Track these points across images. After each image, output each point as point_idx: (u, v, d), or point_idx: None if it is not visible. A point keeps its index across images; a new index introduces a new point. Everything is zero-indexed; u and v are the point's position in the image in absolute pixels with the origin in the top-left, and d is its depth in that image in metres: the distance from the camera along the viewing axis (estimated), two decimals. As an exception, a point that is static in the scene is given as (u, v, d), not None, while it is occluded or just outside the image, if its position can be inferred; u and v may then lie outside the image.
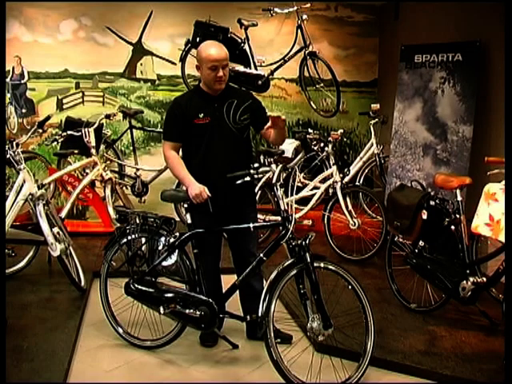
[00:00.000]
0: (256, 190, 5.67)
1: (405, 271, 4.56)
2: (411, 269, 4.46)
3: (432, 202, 4.24)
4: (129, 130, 7.04)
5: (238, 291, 3.83)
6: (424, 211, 4.19)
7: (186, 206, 3.70)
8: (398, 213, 4.41)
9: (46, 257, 5.36)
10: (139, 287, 3.84)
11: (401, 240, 4.63)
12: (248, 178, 3.56)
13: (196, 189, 3.61)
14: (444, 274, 4.11)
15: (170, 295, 3.74)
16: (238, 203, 3.79)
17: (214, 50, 3.71)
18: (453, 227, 4.11)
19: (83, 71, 7.52)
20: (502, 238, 3.59)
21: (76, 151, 6.18)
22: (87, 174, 5.95)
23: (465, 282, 3.97)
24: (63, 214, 5.34)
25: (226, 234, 4.07)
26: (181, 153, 3.89)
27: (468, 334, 4.09)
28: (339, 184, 6.01)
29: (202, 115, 3.74)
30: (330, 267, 3.51)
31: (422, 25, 6.73)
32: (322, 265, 3.49)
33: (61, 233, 4.59)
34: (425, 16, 6.67)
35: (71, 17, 7.44)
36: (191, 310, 3.65)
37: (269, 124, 3.73)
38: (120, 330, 4.07)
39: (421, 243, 4.37)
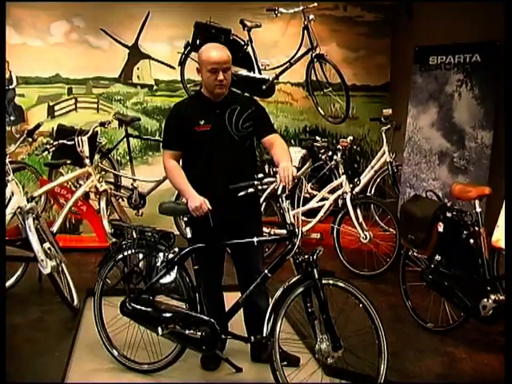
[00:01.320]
0: (260, 202, 5.66)
1: (420, 288, 4.55)
2: (427, 285, 4.45)
3: (449, 214, 4.23)
4: (125, 139, 7.05)
5: (241, 310, 3.82)
6: (440, 223, 4.19)
7: (185, 219, 3.70)
8: (413, 225, 4.40)
9: (36, 274, 5.34)
10: (136, 306, 3.83)
11: (415, 254, 4.62)
12: (252, 190, 3.56)
13: (196, 201, 3.61)
14: (463, 291, 4.09)
15: (168, 315, 3.73)
16: (241, 216, 3.79)
17: (214, 51, 3.73)
18: (471, 241, 4.10)
19: (76, 76, 7.56)
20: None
21: (68, 161, 6.19)
22: (81, 185, 5.96)
23: (485, 299, 3.94)
24: (55, 228, 5.35)
25: (229, 249, 4.06)
26: (181, 162, 3.91)
27: (490, 356, 4.06)
28: (349, 195, 6.02)
29: (202, 122, 3.75)
30: (340, 284, 3.51)
31: (438, 24, 6.73)
32: (330, 281, 3.48)
33: (52, 248, 4.59)
34: (440, 14, 6.67)
35: (63, 18, 7.48)
36: (191, 331, 3.65)
37: (272, 136, 3.76)
38: (115, 353, 4.06)
39: (437, 258, 4.36)
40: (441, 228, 4.17)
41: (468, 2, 5.99)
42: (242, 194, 3.55)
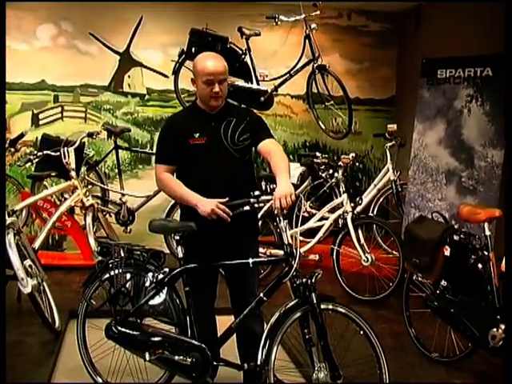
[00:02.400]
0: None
1: (425, 315, 4.55)
2: (432, 312, 4.45)
3: (456, 237, 4.24)
4: (114, 151, 7.07)
5: (234, 335, 3.81)
6: (446, 247, 4.19)
7: (177, 237, 3.70)
8: (417, 248, 4.41)
9: (16, 293, 5.32)
10: (122, 330, 3.82)
11: (420, 279, 4.63)
12: (247, 208, 3.57)
13: (208, 205, 3.58)
14: (470, 320, 4.09)
15: (156, 339, 3.72)
16: (236, 235, 3.79)
17: (210, 62, 3.74)
18: (480, 266, 4.10)
19: (63, 83, 7.59)
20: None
21: (53, 173, 6.21)
22: (65, 199, 5.98)
23: (495, 329, 3.94)
24: (37, 244, 5.34)
25: (223, 270, 4.06)
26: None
27: (499, 390, 4.07)
28: (350, 214, 6.03)
29: (197, 135, 3.75)
30: (340, 309, 3.51)
31: (447, 35, 6.78)
32: (330, 306, 3.48)
33: (33, 266, 4.58)
34: (449, 25, 6.72)
35: (50, 21, 7.51)
36: (181, 357, 3.63)
37: (269, 141, 3.77)
38: (99, 380, 4.03)
39: (443, 283, 4.36)
40: (447, 252, 4.18)
41: (468, 2, 6.02)
42: (237, 212, 3.56)
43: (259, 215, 5.95)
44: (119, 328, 3.83)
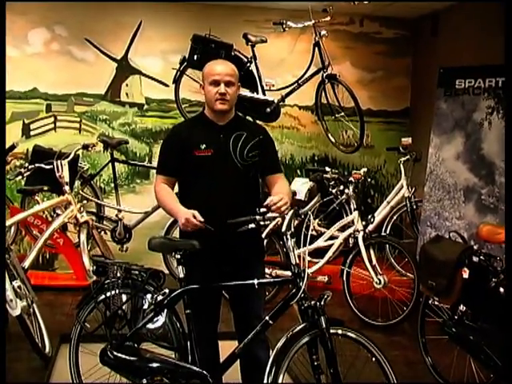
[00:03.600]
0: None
1: (442, 342, 4.53)
2: (450, 339, 4.43)
3: (475, 258, 4.24)
4: (110, 164, 7.09)
5: (238, 361, 3.82)
6: (465, 269, 4.19)
7: (178, 256, 3.71)
8: (433, 270, 4.41)
9: (3, 316, 5.35)
10: (118, 355, 3.81)
11: (436, 303, 4.62)
12: (253, 225, 3.58)
13: (183, 215, 3.62)
14: (492, 348, 4.07)
15: (155, 365, 3.72)
16: (241, 255, 3.81)
17: (217, 64, 3.83)
18: (501, 289, 4.09)
19: (56, 91, 7.63)
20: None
21: (45, 188, 6.23)
22: (58, 215, 5.99)
23: (518, 358, 3.94)
24: (27, 263, 5.37)
25: (226, 292, 4.08)
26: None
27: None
28: (361, 233, 6.05)
29: (203, 146, 3.77)
30: (350, 334, 3.51)
31: (466, 42, 6.79)
32: (339, 331, 3.48)
33: (23, 287, 4.58)
34: (469, 32, 6.73)
35: (42, 25, 7.56)
36: (181, 384, 3.65)
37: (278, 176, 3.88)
38: (93, 409, 4.05)
39: (461, 308, 4.35)
40: (466, 274, 4.18)
41: (468, 1, 6.03)
42: (242, 229, 3.58)
43: (265, 233, 6.00)
44: (115, 353, 3.81)
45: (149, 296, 3.80)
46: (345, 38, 8.06)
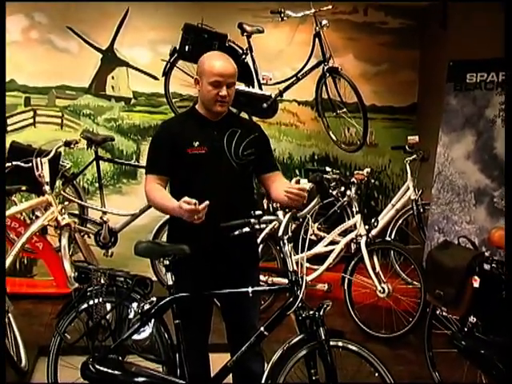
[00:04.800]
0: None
1: (450, 356, 4.53)
2: (459, 353, 4.43)
3: (486, 266, 4.24)
4: (94, 162, 7.05)
5: (230, 375, 3.82)
6: (476, 277, 4.19)
7: (166, 262, 3.71)
8: (441, 278, 4.41)
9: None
10: (101, 368, 3.81)
11: (445, 314, 4.63)
12: (247, 229, 3.59)
13: (180, 210, 3.52)
14: (504, 363, 4.08)
15: (141, 380, 3.72)
16: (234, 261, 3.81)
17: (220, 61, 3.78)
18: (514, 299, 4.12)
19: (36, 83, 7.61)
20: None
21: (23, 188, 6.21)
22: (37, 217, 5.98)
23: (533, 373, 3.94)
24: (3, 269, 5.35)
25: (218, 301, 4.07)
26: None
27: None
28: (364, 238, 6.05)
29: (197, 144, 3.77)
30: (351, 347, 3.51)
31: (477, 34, 6.79)
32: (340, 344, 3.49)
33: (-3, 295, 4.59)
34: (481, 22, 6.73)
35: (20, 12, 7.50)
36: (169, 400, 3.64)
37: (276, 174, 3.86)
38: (73, 428, 4.04)
39: (471, 319, 4.35)
40: (476, 283, 4.18)
41: (468, 1, 6.04)
42: (235, 233, 3.58)
43: (260, 238, 6.00)
44: (98, 367, 3.81)
45: (135, 305, 3.79)
46: (347, 29, 8.06)
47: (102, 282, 3.89)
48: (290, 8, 6.81)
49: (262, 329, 3.57)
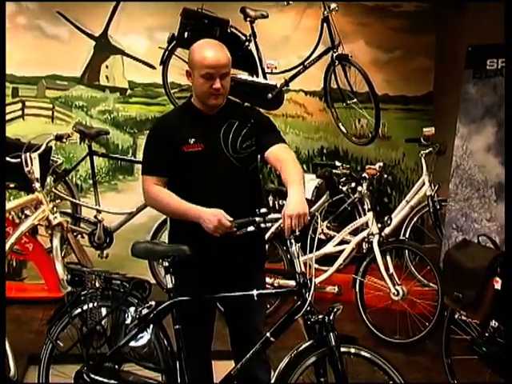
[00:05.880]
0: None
1: (470, 363, 4.53)
2: (480, 360, 4.43)
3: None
4: (88, 157, 7.08)
5: (234, 384, 3.83)
6: (497, 278, 4.19)
7: (166, 264, 3.71)
8: (460, 279, 4.41)
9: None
10: (96, 378, 3.82)
11: (464, 318, 4.62)
12: (252, 228, 3.58)
13: (212, 216, 3.55)
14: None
15: (139, 389, 3.74)
16: (238, 262, 3.81)
17: (211, 51, 3.74)
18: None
19: (24, 73, 7.62)
20: None
21: (12, 185, 6.23)
22: (27, 216, 5.99)
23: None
24: (-10, 272, 5.36)
25: (221, 305, 4.08)
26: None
27: None
28: (377, 237, 6.05)
29: (192, 141, 3.76)
30: (364, 354, 3.51)
31: (498, 16, 6.77)
32: (352, 350, 3.49)
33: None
34: (502, 4, 6.71)
35: (8, -5, 7.53)
36: (169, 411, 3.66)
37: (278, 147, 3.78)
38: None
39: (493, 324, 4.35)
40: (498, 284, 4.18)
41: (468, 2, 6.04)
42: (239, 233, 3.58)
43: (266, 237, 5.99)
44: (92, 376, 3.83)
45: (132, 309, 3.79)
46: (358, 13, 8.05)
47: (97, 285, 3.90)
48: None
49: (267, 334, 3.57)
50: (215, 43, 3.84)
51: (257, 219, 3.57)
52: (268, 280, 5.89)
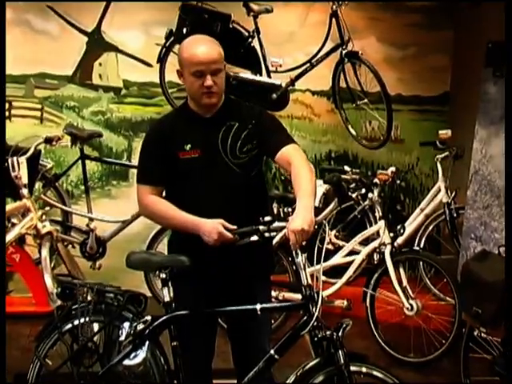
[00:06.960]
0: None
1: (491, 384, 4.55)
2: (501, 381, 4.43)
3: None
4: (79, 162, 7.07)
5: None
6: (518, 292, 4.20)
7: (163, 276, 3.71)
8: (479, 293, 4.41)
9: None
10: (88, 398, 3.84)
11: (484, 335, 4.62)
12: (255, 238, 3.58)
13: (211, 228, 3.57)
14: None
15: (133, 410, 3.74)
16: (241, 274, 3.81)
17: (199, 47, 3.72)
18: None
19: (11, 71, 7.54)
20: None
21: (-2, 191, 6.24)
22: (14, 225, 5.99)
23: None
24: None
25: (223, 320, 4.07)
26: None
27: None
28: (389, 248, 6.05)
29: (188, 146, 3.76)
30: (375, 373, 3.52)
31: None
32: (363, 369, 3.50)
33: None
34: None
35: (-8, -12, 7.56)
36: (165, 434, 3.66)
37: (289, 148, 3.77)
38: None
39: (515, 341, 4.36)
40: (519, 299, 4.19)
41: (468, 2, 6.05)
42: (242, 242, 3.57)
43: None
44: (83, 396, 3.84)
45: (126, 325, 3.79)
46: (369, 7, 8.06)
47: (89, 298, 3.90)
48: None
49: (272, 352, 3.56)
50: (204, 38, 3.83)
51: (260, 228, 3.57)
52: (272, 293, 5.88)
